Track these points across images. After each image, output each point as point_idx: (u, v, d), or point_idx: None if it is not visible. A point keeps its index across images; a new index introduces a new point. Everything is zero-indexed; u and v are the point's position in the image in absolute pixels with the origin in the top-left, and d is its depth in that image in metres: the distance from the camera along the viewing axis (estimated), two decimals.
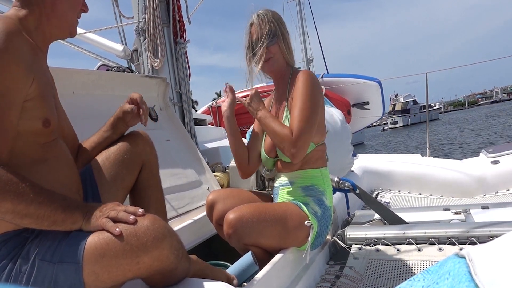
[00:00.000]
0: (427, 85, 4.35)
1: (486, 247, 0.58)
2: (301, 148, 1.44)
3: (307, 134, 1.44)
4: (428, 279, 0.62)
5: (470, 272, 0.54)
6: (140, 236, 0.95)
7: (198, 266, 1.24)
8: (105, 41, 3.29)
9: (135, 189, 1.41)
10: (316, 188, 1.54)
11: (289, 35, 1.61)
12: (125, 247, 0.93)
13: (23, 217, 0.91)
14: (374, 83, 6.10)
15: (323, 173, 1.59)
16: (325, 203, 1.54)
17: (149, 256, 0.95)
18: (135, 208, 1.01)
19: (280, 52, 1.59)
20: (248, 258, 1.47)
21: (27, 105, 1.01)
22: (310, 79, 1.51)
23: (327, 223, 1.55)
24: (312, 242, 1.52)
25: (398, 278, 1.59)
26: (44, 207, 0.93)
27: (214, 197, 1.63)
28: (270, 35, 1.55)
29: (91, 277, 0.94)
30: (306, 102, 1.46)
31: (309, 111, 1.45)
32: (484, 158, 3.20)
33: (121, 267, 0.95)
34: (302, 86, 1.49)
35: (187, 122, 2.96)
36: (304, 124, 1.43)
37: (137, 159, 1.38)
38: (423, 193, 3.16)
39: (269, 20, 1.56)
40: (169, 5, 2.92)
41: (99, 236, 0.96)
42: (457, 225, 1.85)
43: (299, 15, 23.07)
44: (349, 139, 2.85)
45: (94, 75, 2.17)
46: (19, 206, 0.90)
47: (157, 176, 1.47)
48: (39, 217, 0.93)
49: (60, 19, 1.15)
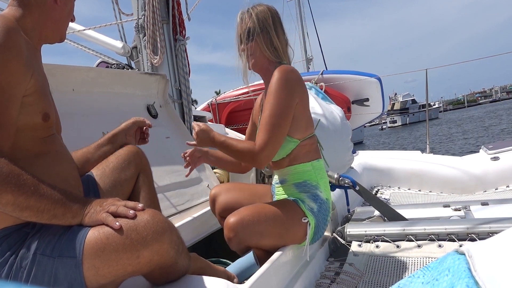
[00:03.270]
0: (427, 82, 4.34)
1: (485, 243, 0.59)
2: (265, 157, 1.43)
3: (271, 142, 1.41)
4: (427, 276, 0.62)
5: (470, 268, 0.54)
6: (140, 230, 0.96)
7: (199, 264, 1.25)
8: (104, 38, 3.29)
9: (132, 197, 1.44)
10: (309, 183, 1.52)
11: (276, 30, 1.53)
12: (125, 241, 0.94)
13: (23, 210, 0.91)
14: (374, 80, 6.09)
15: (315, 166, 1.55)
16: (320, 196, 1.52)
17: (149, 250, 0.96)
18: (134, 203, 1.02)
19: (259, 49, 1.53)
20: (249, 257, 1.47)
21: (26, 100, 1.03)
22: (281, 77, 1.43)
23: (325, 216, 1.54)
24: (311, 238, 1.52)
25: (398, 275, 1.59)
26: (44, 200, 0.93)
27: (216, 191, 1.71)
28: (248, 32, 1.52)
29: (91, 271, 0.95)
30: (272, 108, 1.42)
31: (275, 119, 1.41)
32: (484, 154, 3.20)
33: (121, 261, 0.95)
34: (272, 88, 1.44)
35: (187, 119, 2.96)
36: (268, 134, 1.41)
37: (134, 168, 1.42)
38: (423, 189, 3.17)
39: (249, 17, 1.52)
40: (168, 2, 2.92)
41: (99, 231, 0.96)
42: (457, 222, 1.85)
43: (299, 14, 23.15)
44: (349, 136, 2.85)
45: (93, 72, 2.17)
46: (20, 198, 0.90)
47: (152, 184, 1.50)
48: (39, 210, 0.93)
49: (56, 24, 1.18)
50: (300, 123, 1.51)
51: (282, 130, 1.44)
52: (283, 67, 1.47)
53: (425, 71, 4.35)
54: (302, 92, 1.50)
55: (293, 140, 1.51)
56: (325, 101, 2.91)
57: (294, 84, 1.46)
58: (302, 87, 1.50)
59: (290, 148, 1.52)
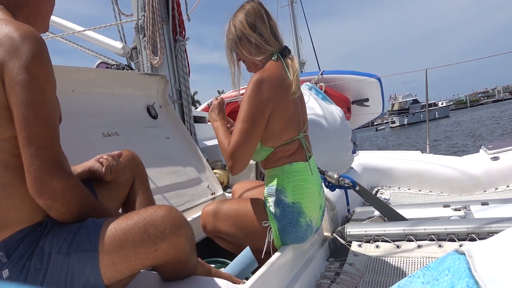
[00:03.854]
0: (427, 82, 4.34)
1: (486, 243, 0.58)
2: (237, 161, 1.42)
3: (241, 148, 1.41)
4: (428, 276, 0.62)
5: (470, 268, 0.54)
6: (158, 224, 0.98)
7: (204, 269, 1.27)
8: (104, 38, 3.29)
9: (127, 202, 1.45)
10: (275, 187, 1.52)
11: (253, 28, 1.52)
12: (143, 236, 0.96)
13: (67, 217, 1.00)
14: (374, 80, 6.08)
15: (286, 170, 1.52)
16: (284, 201, 1.49)
17: (167, 243, 0.98)
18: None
19: (245, 55, 1.56)
20: (247, 255, 1.47)
21: None
22: (254, 85, 1.43)
23: (292, 219, 1.49)
24: (278, 241, 1.51)
25: (398, 275, 1.59)
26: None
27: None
28: (231, 43, 1.57)
29: (109, 268, 0.96)
30: (244, 114, 1.42)
31: (247, 124, 1.41)
32: (483, 154, 3.20)
33: (140, 255, 0.97)
34: (246, 93, 1.45)
35: (186, 119, 2.96)
36: (239, 139, 1.41)
37: (130, 173, 1.43)
38: (423, 189, 3.17)
39: (229, 29, 1.57)
40: (168, 3, 2.92)
41: (115, 227, 0.98)
42: (457, 222, 1.85)
43: (292, 21, 23.59)
44: (349, 136, 2.85)
45: (93, 73, 2.17)
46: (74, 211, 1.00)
47: (148, 189, 1.51)
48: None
49: (43, 16, 1.17)
50: (273, 131, 1.48)
51: (253, 137, 1.43)
52: (259, 74, 1.45)
53: (425, 71, 4.34)
54: (277, 99, 1.46)
55: (265, 149, 1.51)
56: (325, 101, 2.91)
57: (266, 92, 1.43)
58: (276, 94, 1.45)
59: (264, 155, 1.53)
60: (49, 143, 0.93)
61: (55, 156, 0.94)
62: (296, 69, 1.54)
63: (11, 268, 0.95)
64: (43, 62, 0.95)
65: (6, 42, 0.92)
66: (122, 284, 1.05)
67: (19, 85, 0.90)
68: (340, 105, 3.33)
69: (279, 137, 1.51)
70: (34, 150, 0.91)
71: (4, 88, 0.93)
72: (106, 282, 0.97)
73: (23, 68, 0.91)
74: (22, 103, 0.91)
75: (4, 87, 0.92)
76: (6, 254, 0.95)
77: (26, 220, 0.99)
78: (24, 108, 0.91)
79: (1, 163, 0.94)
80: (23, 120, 0.91)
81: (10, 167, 0.95)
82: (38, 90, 0.93)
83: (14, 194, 0.96)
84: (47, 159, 0.92)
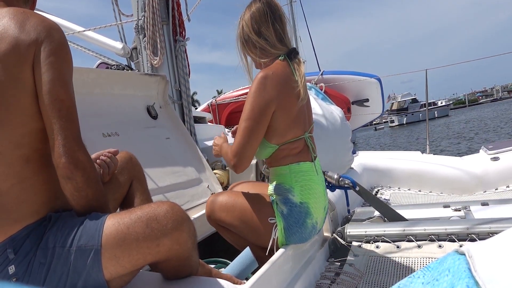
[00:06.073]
0: (427, 82, 4.35)
1: (486, 243, 0.59)
2: (241, 158, 1.45)
3: (245, 146, 1.44)
4: (428, 276, 0.62)
5: (470, 268, 0.54)
6: (160, 219, 0.99)
7: (204, 270, 1.28)
8: (104, 39, 3.29)
9: (125, 203, 1.46)
10: (282, 186, 1.52)
11: (258, 32, 1.54)
12: (146, 230, 0.97)
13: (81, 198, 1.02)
14: (374, 80, 6.09)
15: (293, 169, 1.52)
16: (291, 200, 1.49)
17: (169, 238, 0.99)
18: None
19: (251, 55, 1.60)
20: (247, 256, 1.47)
21: None
22: (258, 82, 1.44)
23: (298, 219, 1.50)
24: (282, 240, 1.51)
25: (398, 275, 1.59)
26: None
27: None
28: (239, 43, 1.60)
29: (111, 261, 0.97)
30: (248, 112, 1.44)
31: (250, 122, 1.43)
32: (484, 155, 3.20)
33: (142, 250, 0.98)
34: (250, 91, 1.46)
35: (186, 120, 2.96)
36: (243, 137, 1.43)
37: (127, 175, 1.44)
38: (423, 190, 3.16)
39: (238, 27, 1.59)
40: (168, 3, 2.92)
41: (119, 222, 0.99)
42: (457, 222, 1.85)
43: (291, 20, 23.61)
44: (349, 136, 2.85)
45: (93, 73, 2.17)
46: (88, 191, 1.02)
47: (146, 191, 1.52)
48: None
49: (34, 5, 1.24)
50: (278, 129, 1.49)
51: (256, 134, 1.44)
52: (263, 71, 1.46)
53: (424, 72, 4.35)
54: (281, 97, 1.46)
55: (270, 145, 1.51)
56: (325, 101, 2.91)
57: (271, 89, 1.44)
58: (280, 92, 1.46)
59: (269, 152, 1.53)
60: (76, 119, 1.02)
61: (79, 133, 1.02)
62: (303, 74, 1.54)
63: (17, 264, 0.96)
64: (68, 50, 1.05)
65: (37, 28, 0.99)
66: (123, 282, 1.05)
67: (50, 64, 0.98)
68: (340, 106, 3.33)
69: (283, 135, 1.51)
70: (64, 122, 0.98)
71: (33, 70, 0.98)
72: (107, 276, 0.97)
73: (54, 51, 0.99)
74: (54, 78, 0.98)
75: (33, 68, 0.98)
76: (13, 250, 0.97)
77: (34, 214, 1.00)
78: (55, 83, 0.98)
79: (23, 157, 0.98)
80: (54, 94, 0.98)
81: (31, 162, 0.99)
82: (66, 71, 1.02)
83: (30, 187, 0.99)
84: (75, 131, 1.01)
